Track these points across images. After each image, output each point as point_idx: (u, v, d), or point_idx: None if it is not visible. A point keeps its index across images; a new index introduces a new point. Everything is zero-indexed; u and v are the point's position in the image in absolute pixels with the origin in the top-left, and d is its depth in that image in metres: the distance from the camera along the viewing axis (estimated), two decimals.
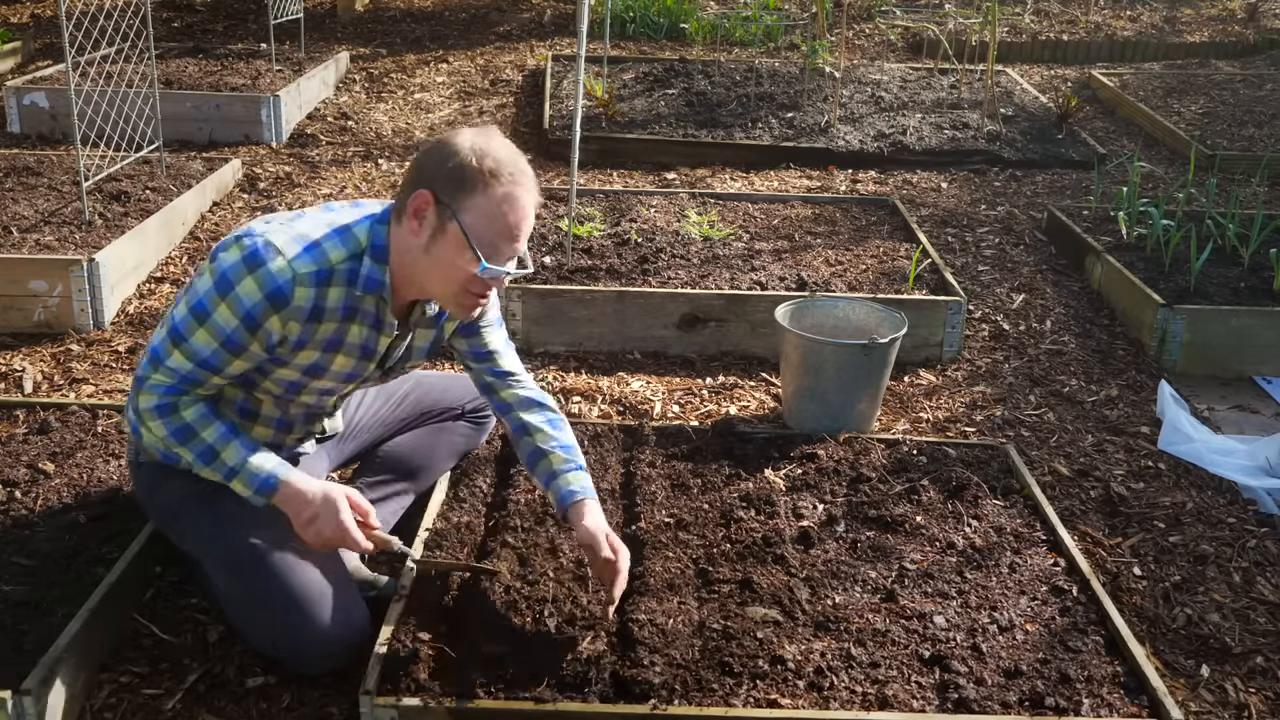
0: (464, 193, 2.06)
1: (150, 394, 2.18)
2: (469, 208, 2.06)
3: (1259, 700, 2.39)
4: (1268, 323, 3.87)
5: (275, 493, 2.21)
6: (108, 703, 2.23)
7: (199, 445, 2.20)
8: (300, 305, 2.12)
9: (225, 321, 2.11)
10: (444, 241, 2.09)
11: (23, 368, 3.62)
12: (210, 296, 2.11)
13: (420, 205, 2.09)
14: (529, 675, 2.11)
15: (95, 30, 4.47)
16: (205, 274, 2.15)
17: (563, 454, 2.40)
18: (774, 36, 8.30)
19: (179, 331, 2.15)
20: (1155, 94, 7.35)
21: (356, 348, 2.27)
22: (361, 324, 2.23)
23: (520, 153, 2.15)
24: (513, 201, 2.08)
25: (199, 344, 2.13)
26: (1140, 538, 2.93)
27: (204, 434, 2.20)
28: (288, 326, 2.14)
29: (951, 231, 5.16)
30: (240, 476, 2.20)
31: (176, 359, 2.16)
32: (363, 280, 2.16)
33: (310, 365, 2.25)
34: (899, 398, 3.64)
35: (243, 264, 2.09)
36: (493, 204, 2.06)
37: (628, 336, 3.89)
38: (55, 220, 4.33)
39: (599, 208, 4.85)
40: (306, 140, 6.19)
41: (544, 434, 2.43)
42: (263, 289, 2.08)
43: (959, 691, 2.16)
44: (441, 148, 2.10)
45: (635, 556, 2.53)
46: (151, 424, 2.20)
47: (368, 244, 2.17)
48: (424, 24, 9.12)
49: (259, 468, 2.21)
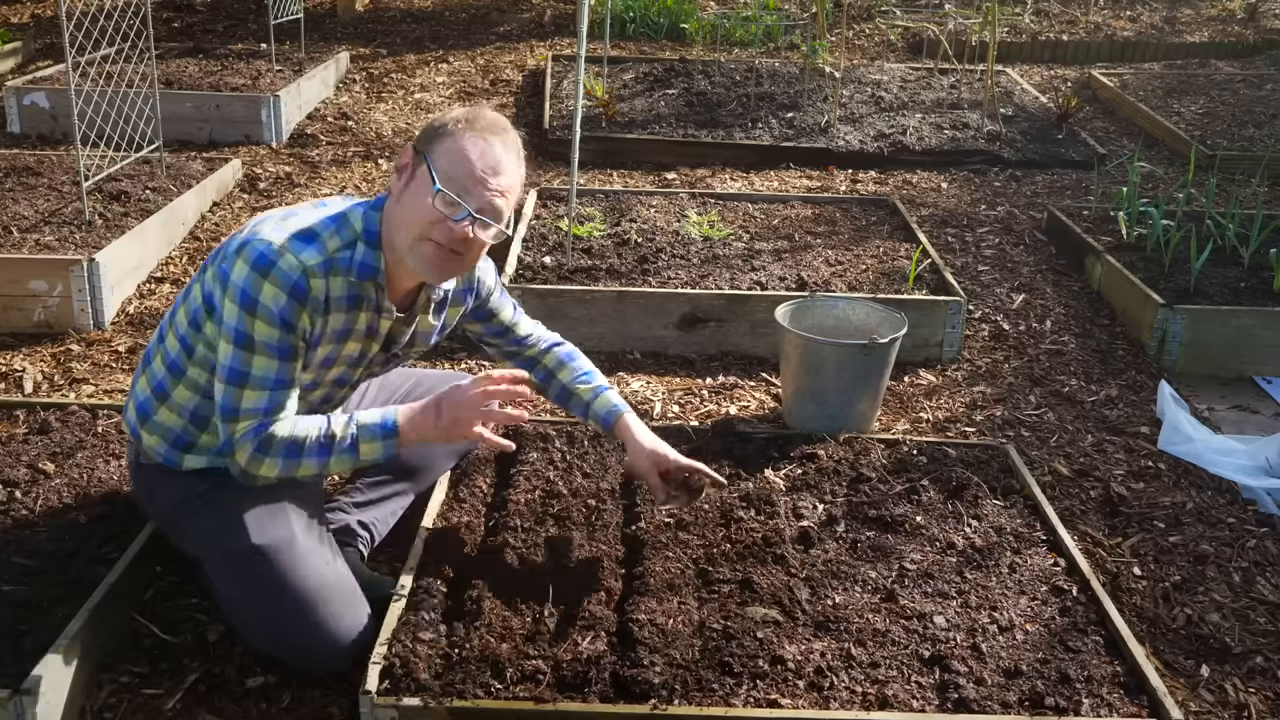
0: (438, 139, 2.15)
1: (243, 447, 2.17)
2: (440, 151, 2.14)
3: (1259, 700, 2.39)
4: (1268, 323, 3.87)
5: (398, 430, 2.22)
6: (108, 703, 2.23)
7: (312, 447, 2.20)
8: (316, 296, 2.16)
9: (269, 337, 2.13)
10: (414, 187, 2.15)
11: (23, 368, 3.62)
12: (244, 320, 2.12)
13: (404, 162, 2.18)
14: (529, 675, 2.11)
15: (95, 30, 4.47)
16: (226, 302, 2.14)
17: (587, 382, 2.59)
18: (774, 36, 8.30)
19: (237, 370, 2.15)
20: (1155, 94, 7.35)
21: (362, 332, 2.30)
22: (366, 310, 2.27)
23: (507, 124, 2.22)
24: (482, 147, 2.14)
25: (262, 371, 2.15)
26: (1140, 538, 2.93)
27: (309, 434, 2.20)
28: (314, 320, 2.18)
29: (951, 231, 5.16)
30: (363, 437, 2.21)
31: (250, 398, 2.16)
32: (357, 266, 2.19)
33: (324, 359, 2.28)
34: (899, 398, 3.64)
35: (254, 272, 2.11)
36: (462, 144, 2.13)
37: (628, 336, 3.89)
38: (55, 220, 4.33)
39: (599, 208, 4.85)
40: (306, 140, 6.19)
41: (566, 369, 2.62)
42: (283, 288, 2.11)
43: (959, 691, 2.16)
44: (434, 119, 2.22)
45: (635, 556, 2.53)
46: (259, 469, 2.20)
47: (362, 230, 2.21)
48: (424, 24, 9.12)
49: (370, 421, 2.22)
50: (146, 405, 2.33)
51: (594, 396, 2.58)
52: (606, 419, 2.55)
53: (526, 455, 2.88)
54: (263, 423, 2.18)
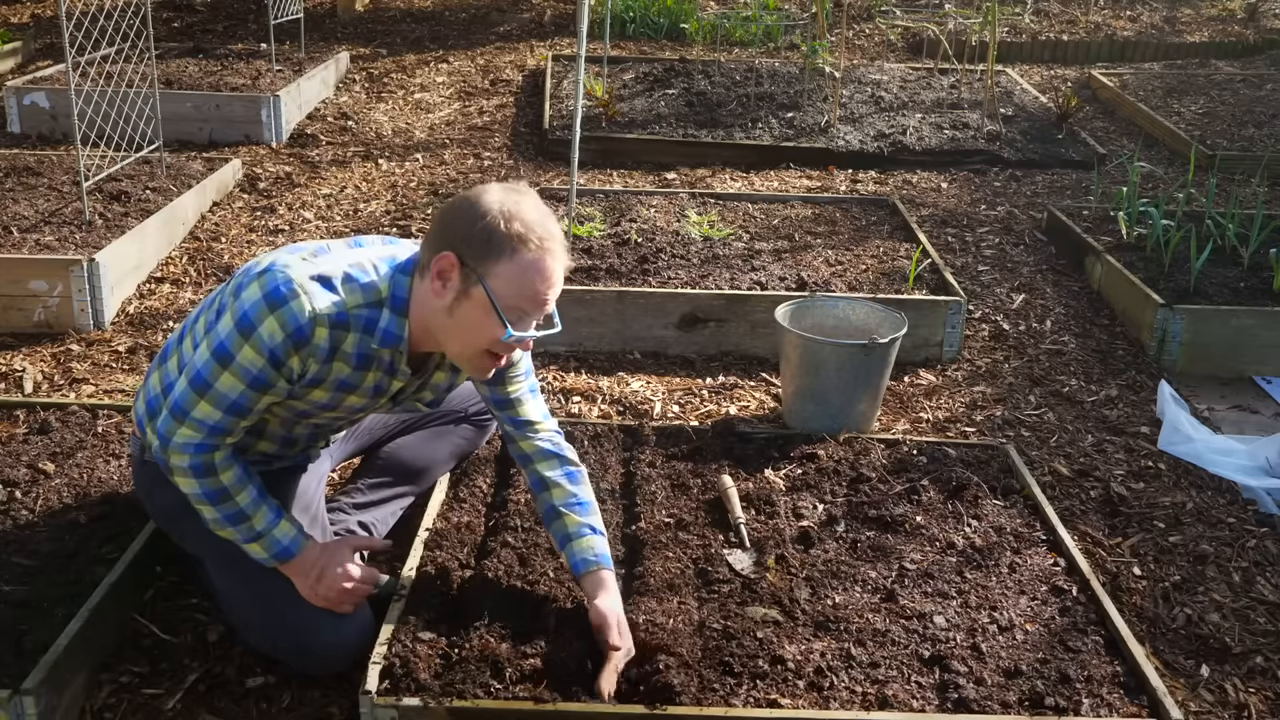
0: (490, 258, 2.00)
1: (181, 453, 2.13)
2: (495, 274, 2.00)
3: (1259, 700, 2.39)
4: (1268, 323, 3.87)
5: (289, 561, 2.22)
6: (108, 703, 2.24)
7: (230, 508, 2.17)
8: (319, 345, 2.08)
9: (250, 363, 2.07)
10: (468, 305, 2.04)
11: (23, 368, 3.62)
12: (233, 338, 2.07)
13: (444, 267, 2.03)
14: (529, 675, 2.11)
15: (95, 30, 4.47)
16: (226, 314, 2.10)
17: (579, 515, 2.32)
18: (774, 36, 8.30)
19: (202, 378, 2.09)
20: (1155, 94, 7.35)
21: (369, 390, 2.24)
22: (376, 370, 2.20)
23: (550, 214, 2.09)
24: (541, 269, 2.02)
25: (225, 388, 2.09)
26: (1140, 538, 2.93)
27: (238, 498, 2.16)
28: (308, 364, 2.11)
29: (951, 231, 5.16)
30: (263, 540, 2.19)
31: (203, 409, 2.10)
32: (380, 334, 2.12)
33: (322, 403, 2.24)
34: (899, 398, 3.64)
35: (264, 302, 2.04)
36: (520, 270, 2.00)
37: (628, 336, 3.89)
38: (55, 220, 4.33)
39: (599, 208, 4.85)
40: (306, 140, 6.19)
41: (561, 489, 2.35)
42: (284, 328, 2.04)
43: (959, 691, 2.16)
44: (469, 206, 2.03)
45: (635, 556, 2.53)
46: (181, 480, 2.17)
47: (388, 294, 2.11)
48: (424, 24, 9.12)
49: (283, 534, 2.21)
50: (155, 402, 2.34)
51: (579, 534, 2.31)
52: (580, 565, 2.27)
53: None
54: (206, 443, 2.12)
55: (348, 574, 2.22)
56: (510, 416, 2.39)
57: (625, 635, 2.19)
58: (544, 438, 2.40)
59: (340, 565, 2.22)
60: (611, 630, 2.16)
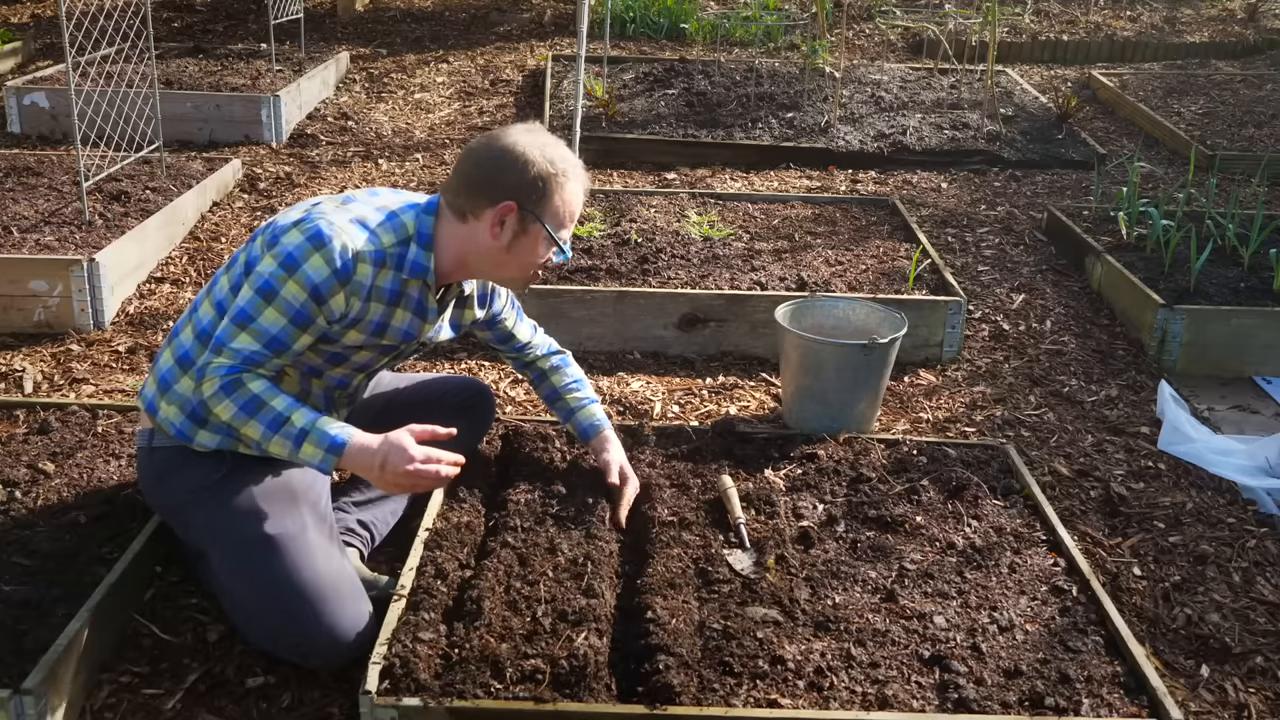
0: (545, 199, 2.32)
1: (213, 378, 2.20)
2: (549, 211, 2.33)
3: (1259, 700, 2.39)
4: (1268, 323, 3.87)
5: (343, 451, 2.20)
6: (108, 703, 2.24)
7: (269, 414, 2.19)
8: (361, 281, 2.26)
9: (294, 297, 2.21)
10: (526, 240, 2.34)
11: (23, 368, 3.62)
12: (277, 276, 2.21)
13: (503, 213, 2.30)
14: (529, 675, 2.11)
15: (95, 30, 4.47)
16: (266, 256, 2.24)
17: (577, 391, 2.79)
18: (774, 36, 8.30)
19: (245, 313, 2.22)
20: (1155, 94, 7.35)
21: (399, 331, 2.40)
22: (405, 308, 2.37)
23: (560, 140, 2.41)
24: (578, 195, 2.39)
25: (267, 322, 2.21)
26: (1140, 538, 2.93)
27: (273, 403, 2.21)
28: (350, 302, 2.27)
29: (951, 231, 5.16)
30: (311, 437, 2.20)
31: (243, 340, 2.21)
32: (409, 265, 2.32)
33: (356, 343, 2.37)
34: (899, 398, 3.65)
35: (308, 243, 2.21)
36: (564, 202, 2.35)
37: (628, 336, 3.89)
38: (55, 220, 4.33)
39: (599, 208, 4.85)
40: (307, 140, 6.19)
41: (559, 374, 2.81)
42: (330, 265, 2.21)
43: (959, 691, 2.16)
44: (510, 157, 2.29)
45: (636, 556, 2.53)
46: (217, 407, 2.21)
47: (414, 232, 2.34)
48: (424, 24, 9.12)
49: (327, 427, 2.22)
50: (169, 375, 2.36)
51: (579, 406, 2.78)
52: (587, 431, 2.76)
53: (526, 455, 2.88)
54: (238, 365, 2.20)
55: (408, 455, 2.20)
56: (512, 345, 2.80)
57: (631, 476, 2.71)
58: (537, 343, 2.82)
59: (402, 448, 2.21)
60: (615, 472, 2.69)
